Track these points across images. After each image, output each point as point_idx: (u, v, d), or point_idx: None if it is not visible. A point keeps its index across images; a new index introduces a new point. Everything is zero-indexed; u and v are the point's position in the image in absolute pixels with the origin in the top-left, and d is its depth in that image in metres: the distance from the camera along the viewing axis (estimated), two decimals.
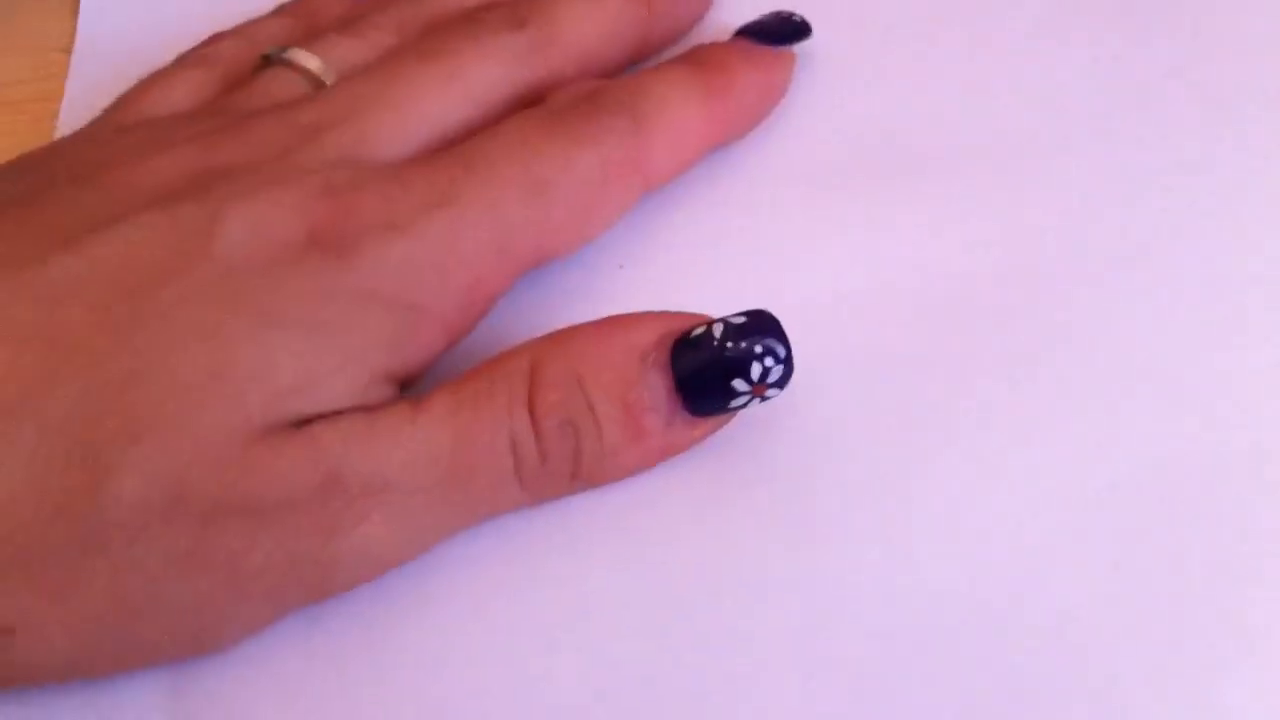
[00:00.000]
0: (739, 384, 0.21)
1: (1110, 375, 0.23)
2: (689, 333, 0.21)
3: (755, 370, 0.21)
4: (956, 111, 0.28)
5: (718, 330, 0.21)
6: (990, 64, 0.29)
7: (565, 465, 0.21)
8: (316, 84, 0.25)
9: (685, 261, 0.26)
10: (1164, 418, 0.23)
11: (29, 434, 0.18)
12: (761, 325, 0.21)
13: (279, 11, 0.29)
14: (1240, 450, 0.22)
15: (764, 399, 0.21)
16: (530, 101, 0.25)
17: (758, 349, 0.21)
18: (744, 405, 0.21)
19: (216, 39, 0.27)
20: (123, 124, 0.24)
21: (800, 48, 0.29)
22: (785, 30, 0.29)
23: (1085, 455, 0.22)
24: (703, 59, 0.27)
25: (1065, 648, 0.20)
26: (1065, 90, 0.28)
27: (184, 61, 0.27)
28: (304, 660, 0.21)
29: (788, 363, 0.21)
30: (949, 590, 0.21)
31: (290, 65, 0.25)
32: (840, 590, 0.21)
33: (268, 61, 0.26)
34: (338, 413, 0.20)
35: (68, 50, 0.31)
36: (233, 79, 0.26)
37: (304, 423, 0.19)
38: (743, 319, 0.21)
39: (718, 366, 0.21)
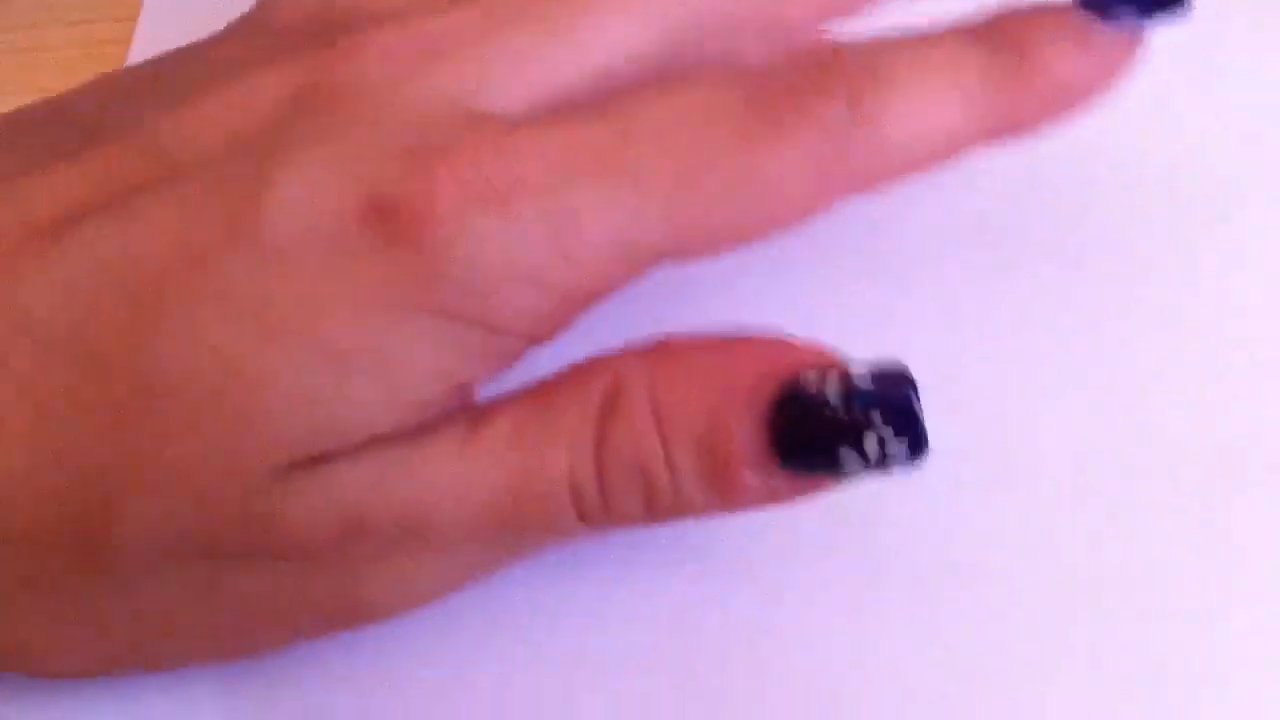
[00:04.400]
0: (848, 455, 0.16)
1: None
2: (798, 379, 0.17)
3: (870, 445, 0.16)
4: None
5: (832, 386, 0.16)
6: None
7: (634, 510, 0.18)
8: None
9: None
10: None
11: (41, 457, 0.16)
12: (890, 388, 0.16)
13: None
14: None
15: (885, 472, 0.17)
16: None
17: (877, 417, 0.16)
18: (858, 477, 0.17)
19: None
20: (269, 23, 0.20)
21: None
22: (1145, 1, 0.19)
23: None
24: (995, 28, 0.18)
25: None
26: None
27: None
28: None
29: (916, 443, 0.16)
30: None
31: None
32: None
33: None
34: (373, 439, 0.17)
35: None
36: None
37: (327, 455, 0.17)
38: (867, 376, 0.16)
39: (823, 432, 0.16)
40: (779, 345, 0.18)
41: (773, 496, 0.18)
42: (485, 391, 0.18)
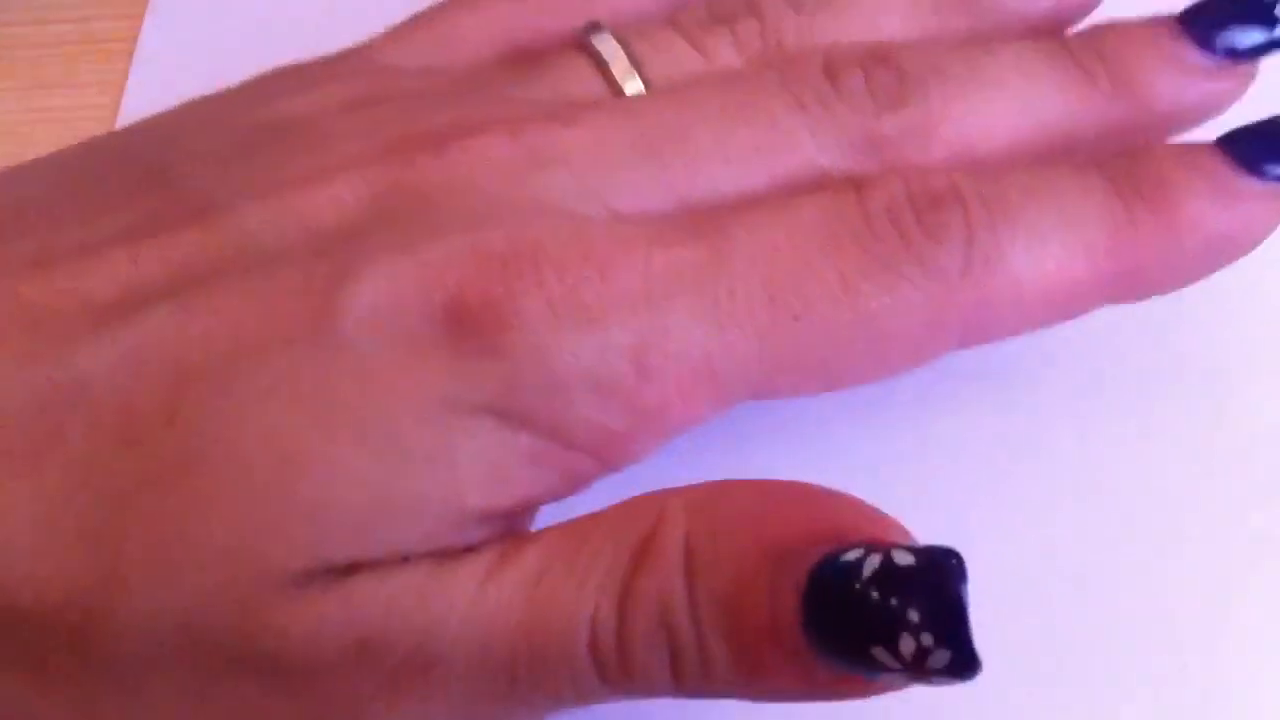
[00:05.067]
0: (881, 654, 0.13)
1: None
2: (840, 551, 0.14)
3: (905, 644, 0.13)
4: None
5: (869, 565, 0.13)
6: None
7: (656, 672, 0.15)
8: (614, 89, 0.19)
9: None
10: None
11: (53, 527, 0.15)
12: (934, 577, 0.13)
13: None
14: None
15: (930, 682, 0.13)
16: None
17: (912, 615, 0.13)
18: (900, 682, 0.14)
19: None
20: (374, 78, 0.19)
21: None
22: None
23: None
24: (1130, 170, 0.17)
25: None
26: None
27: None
28: None
29: (960, 651, 0.13)
30: None
31: (590, 54, 0.19)
32: None
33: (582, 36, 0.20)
34: (405, 556, 0.15)
35: None
36: (534, 46, 0.20)
37: (351, 568, 0.15)
38: (911, 559, 0.13)
39: (852, 620, 0.13)
40: (829, 503, 0.15)
41: (806, 685, 0.15)
42: None
